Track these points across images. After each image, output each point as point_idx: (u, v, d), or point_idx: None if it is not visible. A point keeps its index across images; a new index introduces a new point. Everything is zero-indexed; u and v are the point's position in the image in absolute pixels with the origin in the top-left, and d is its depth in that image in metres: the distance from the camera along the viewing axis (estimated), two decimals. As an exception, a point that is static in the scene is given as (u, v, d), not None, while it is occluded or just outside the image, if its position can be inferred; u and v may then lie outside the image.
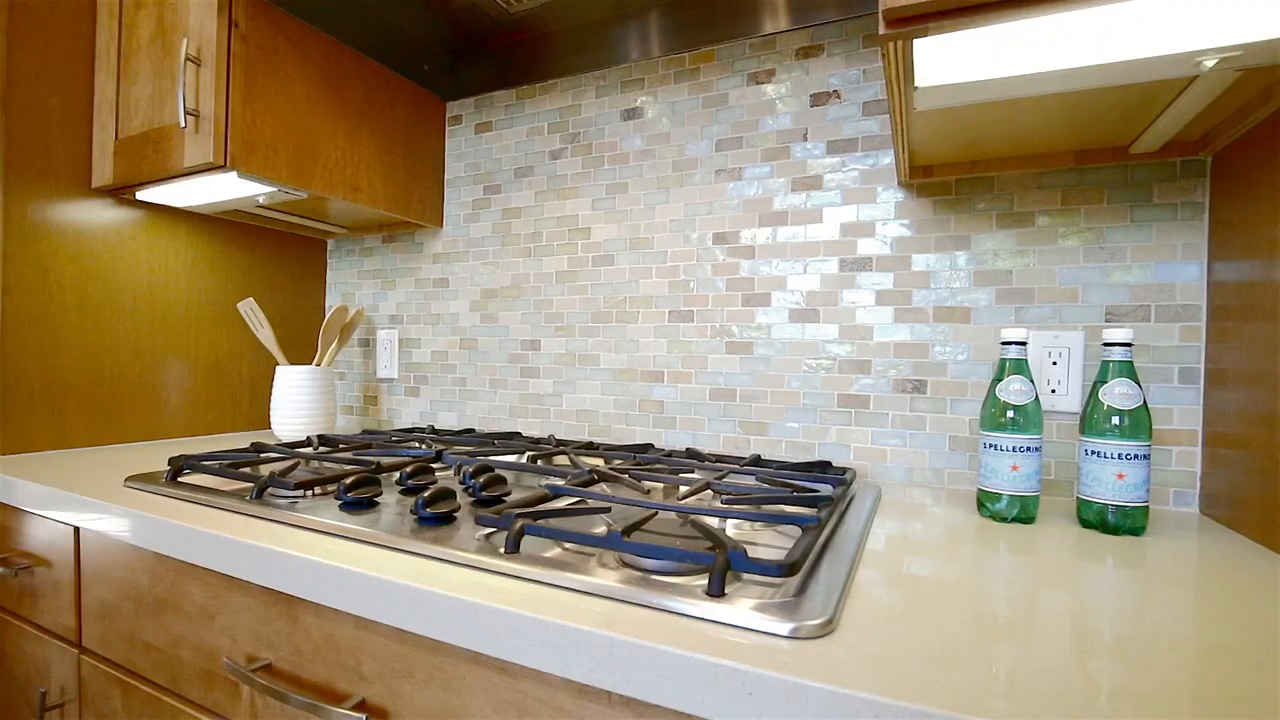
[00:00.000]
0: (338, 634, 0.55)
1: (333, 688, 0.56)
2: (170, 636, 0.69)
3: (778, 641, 0.40)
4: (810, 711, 0.35)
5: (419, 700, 0.51)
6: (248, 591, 0.62)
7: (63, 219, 1.06)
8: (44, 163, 1.04)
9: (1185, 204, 0.79)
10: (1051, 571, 0.55)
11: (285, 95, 1.03)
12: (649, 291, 1.11)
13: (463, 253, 1.31)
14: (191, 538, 0.63)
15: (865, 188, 0.95)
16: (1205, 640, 0.41)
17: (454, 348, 1.32)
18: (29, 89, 1.02)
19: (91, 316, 1.10)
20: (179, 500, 0.73)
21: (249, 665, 0.60)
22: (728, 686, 0.37)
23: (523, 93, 1.24)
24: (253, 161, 0.98)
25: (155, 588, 0.70)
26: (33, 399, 1.03)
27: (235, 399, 1.33)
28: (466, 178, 1.31)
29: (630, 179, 1.13)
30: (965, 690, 0.34)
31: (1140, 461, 0.66)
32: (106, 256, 1.12)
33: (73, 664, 0.80)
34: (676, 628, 0.41)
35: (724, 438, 1.04)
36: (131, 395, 1.16)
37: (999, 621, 0.44)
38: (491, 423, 1.27)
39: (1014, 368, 0.72)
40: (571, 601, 0.45)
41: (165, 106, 1.01)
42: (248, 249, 1.34)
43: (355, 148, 1.14)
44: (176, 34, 0.99)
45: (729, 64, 1.05)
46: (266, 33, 1.00)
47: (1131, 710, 0.32)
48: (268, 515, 0.66)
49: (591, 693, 0.43)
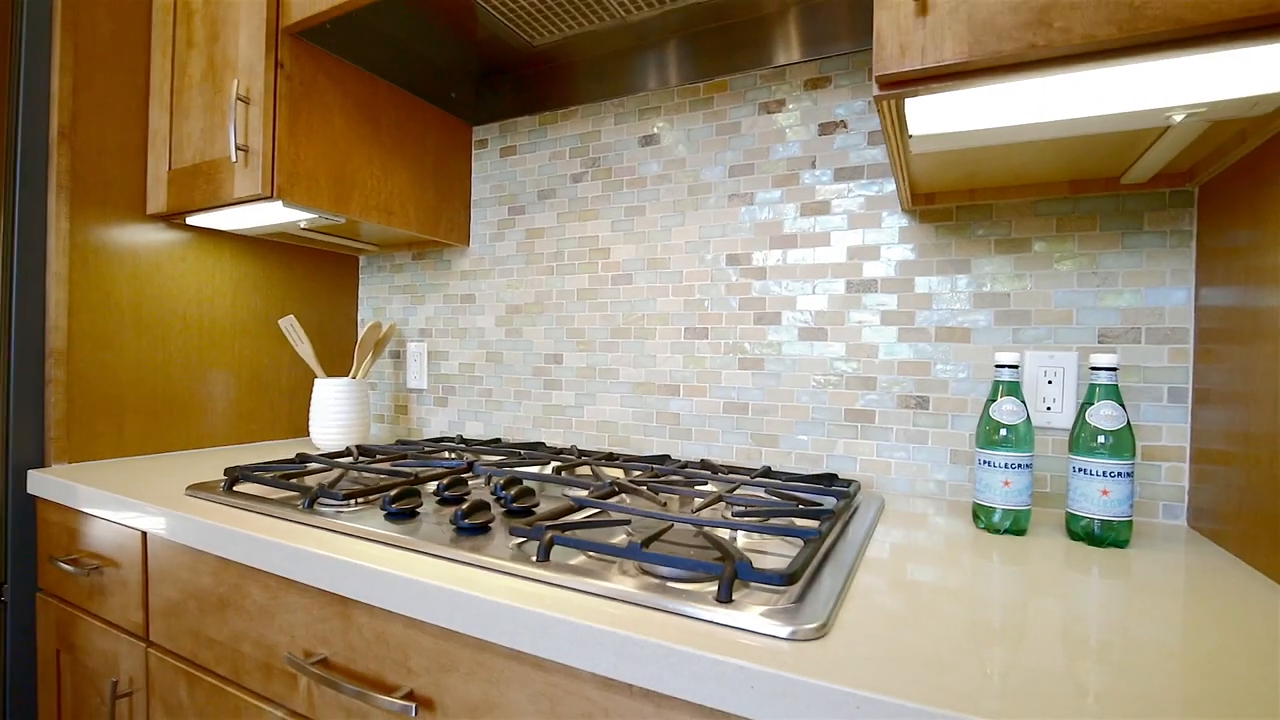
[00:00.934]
0: (388, 632, 0.62)
1: (383, 680, 0.63)
2: (232, 632, 0.77)
3: (778, 643, 0.45)
4: (803, 704, 0.41)
5: (462, 692, 0.57)
6: (305, 593, 0.69)
7: (120, 244, 1.14)
8: (104, 193, 1.13)
9: (1174, 232, 0.83)
10: (1038, 580, 0.60)
11: (326, 128, 1.10)
12: (665, 309, 1.17)
13: (488, 270, 1.38)
14: (253, 544, 0.71)
15: (870, 213, 1.00)
16: (1180, 645, 0.46)
17: (480, 360, 1.39)
18: (91, 125, 1.11)
19: (146, 334, 1.18)
20: (237, 509, 0.81)
21: (307, 659, 0.67)
22: (733, 681, 0.43)
23: (545, 118, 1.31)
24: (296, 192, 1.05)
25: (218, 588, 0.78)
26: (95, 412, 1.12)
27: (275, 408, 1.42)
28: (492, 199, 1.38)
29: (648, 202, 1.19)
30: (942, 686, 0.40)
31: (1124, 479, 0.70)
32: (159, 278, 1.20)
33: (141, 657, 0.88)
34: (689, 630, 0.47)
35: (737, 449, 1.10)
36: (181, 406, 1.24)
37: (985, 625, 0.49)
38: (517, 432, 1.34)
39: (1007, 389, 0.77)
40: (597, 605, 0.51)
41: (215, 140, 1.09)
42: (286, 266, 1.43)
43: (389, 174, 1.22)
44: (226, 72, 1.07)
45: (741, 94, 1.11)
46: (308, 70, 1.07)
47: (1108, 706, 0.38)
48: (320, 523, 0.73)
49: (615, 685, 0.49)
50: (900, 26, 0.54)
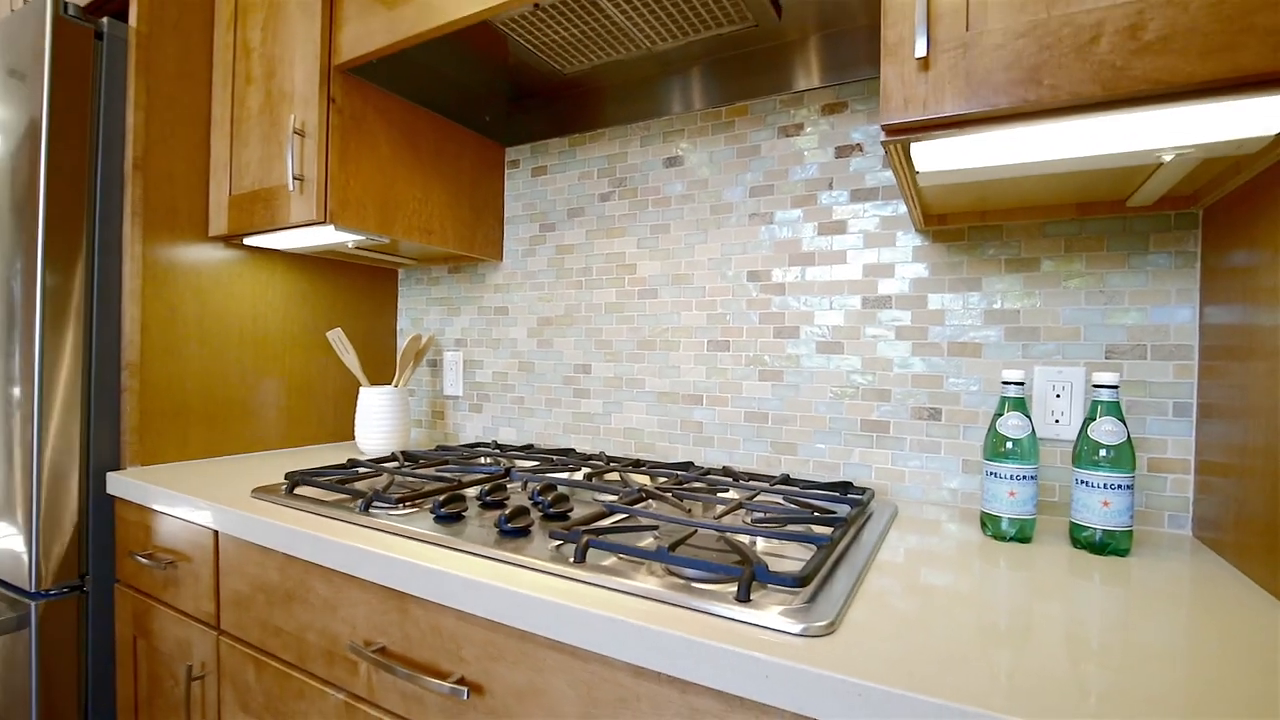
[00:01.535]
0: (441, 624, 0.69)
1: (437, 667, 0.70)
2: (298, 623, 0.85)
3: (791, 638, 0.51)
4: (811, 691, 0.46)
5: (509, 678, 0.64)
6: (365, 588, 0.77)
7: (185, 263, 1.24)
8: (172, 218, 1.23)
9: (1179, 252, 0.87)
10: (1038, 585, 0.65)
11: (372, 155, 1.18)
12: (689, 323, 1.23)
13: (520, 284, 1.45)
14: (318, 543, 0.79)
15: (885, 233, 1.05)
16: (1169, 648, 0.51)
17: (513, 369, 1.46)
18: (160, 156, 1.21)
19: (208, 346, 1.28)
20: (299, 510, 0.89)
21: (367, 647, 0.75)
22: (750, 671, 0.49)
23: (574, 140, 1.38)
24: (346, 216, 1.14)
25: (285, 583, 0.86)
26: (163, 418, 1.22)
27: (321, 414, 1.51)
28: (524, 216, 1.45)
29: (672, 220, 1.25)
30: (938, 678, 0.45)
31: (1124, 491, 0.74)
32: (219, 293, 1.30)
33: (212, 643, 0.97)
34: (711, 625, 0.53)
35: (757, 456, 1.16)
36: (237, 413, 1.34)
37: (984, 625, 0.54)
38: (548, 438, 1.41)
39: (1013, 405, 0.81)
40: (629, 602, 0.58)
41: (273, 168, 1.18)
42: (332, 281, 1.52)
43: (429, 195, 1.30)
44: (282, 106, 1.16)
45: (761, 118, 1.16)
46: (357, 104, 1.16)
47: (1091, 697, 0.43)
48: (375, 525, 0.81)
49: (645, 673, 0.56)
50: (904, 80, 0.60)
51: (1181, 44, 0.50)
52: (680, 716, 0.54)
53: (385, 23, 1.03)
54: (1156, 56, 0.51)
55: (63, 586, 1.13)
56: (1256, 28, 0.48)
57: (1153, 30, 0.51)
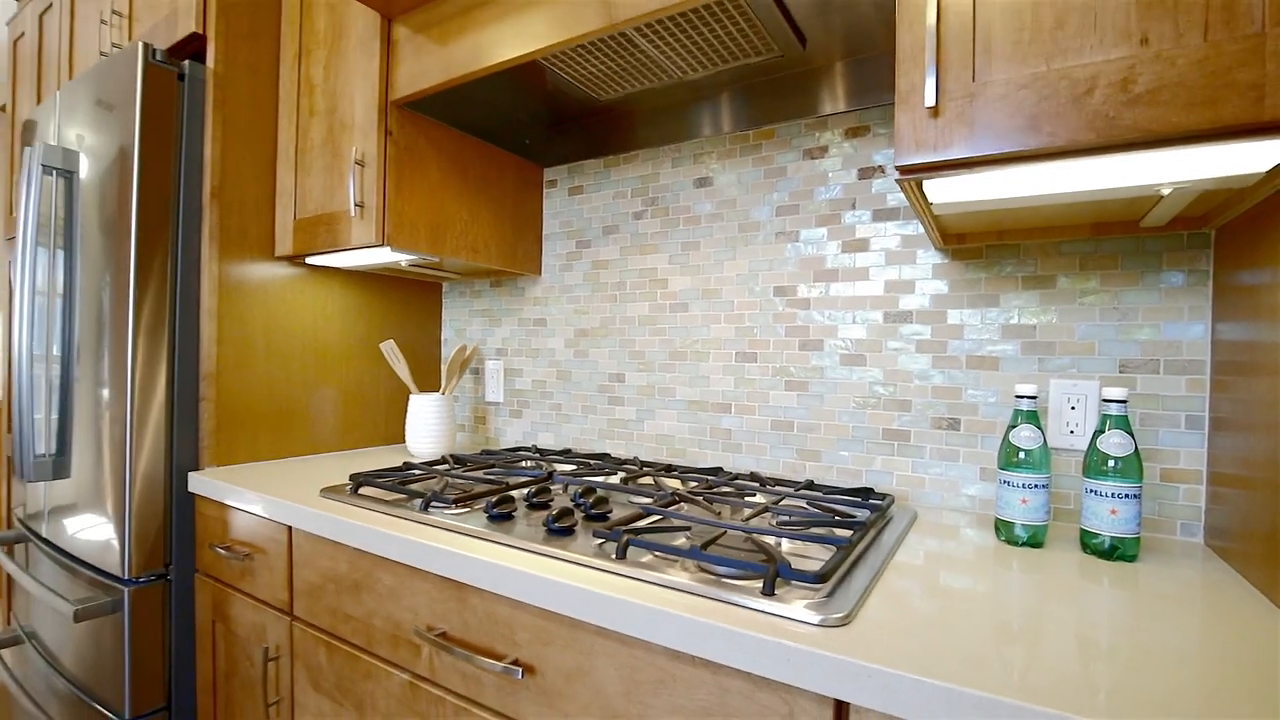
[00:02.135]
0: (497, 611, 0.78)
1: (493, 650, 0.78)
2: (365, 610, 0.94)
3: (810, 628, 0.58)
4: (826, 673, 0.53)
5: (558, 661, 0.72)
6: (427, 579, 0.86)
7: (254, 281, 1.36)
8: (243, 240, 1.34)
9: (1191, 271, 0.90)
10: (1044, 586, 0.70)
11: (424, 182, 1.28)
12: (718, 335, 1.30)
13: (558, 297, 1.54)
14: (385, 538, 0.88)
15: (906, 250, 1.10)
16: (1174, 649, 0.56)
17: (551, 377, 1.55)
18: (233, 183, 1.32)
19: (274, 357, 1.40)
20: (365, 509, 0.99)
21: (430, 632, 0.84)
22: (774, 655, 0.56)
23: (609, 161, 1.46)
24: (401, 238, 1.23)
25: (354, 574, 0.96)
26: (235, 424, 1.33)
27: (374, 419, 1.62)
28: (561, 233, 1.54)
29: (702, 238, 1.32)
30: (935, 661, 0.51)
31: (1131, 500, 0.79)
32: (283, 309, 1.42)
33: (286, 628, 1.07)
34: (740, 616, 0.60)
35: (783, 462, 1.22)
36: (300, 418, 1.45)
37: (990, 621, 0.60)
38: (584, 443, 1.49)
39: (1026, 417, 0.86)
40: (666, 595, 0.65)
41: (334, 195, 1.28)
42: (382, 294, 1.63)
43: (475, 216, 1.39)
44: (343, 138, 1.26)
45: (787, 141, 1.22)
46: (410, 134, 1.25)
47: (1090, 684, 0.49)
48: (434, 522, 0.90)
49: (681, 657, 0.63)
50: (916, 126, 0.66)
51: (1169, 97, 0.55)
52: (712, 695, 0.61)
53: (438, 62, 1.12)
54: (1146, 108, 0.56)
55: (150, 575, 1.25)
56: (1237, 83, 0.53)
57: (1142, 84, 0.56)
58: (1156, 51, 0.56)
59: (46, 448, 1.43)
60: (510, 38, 1.03)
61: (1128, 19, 0.57)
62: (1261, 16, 0.52)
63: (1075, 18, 0.59)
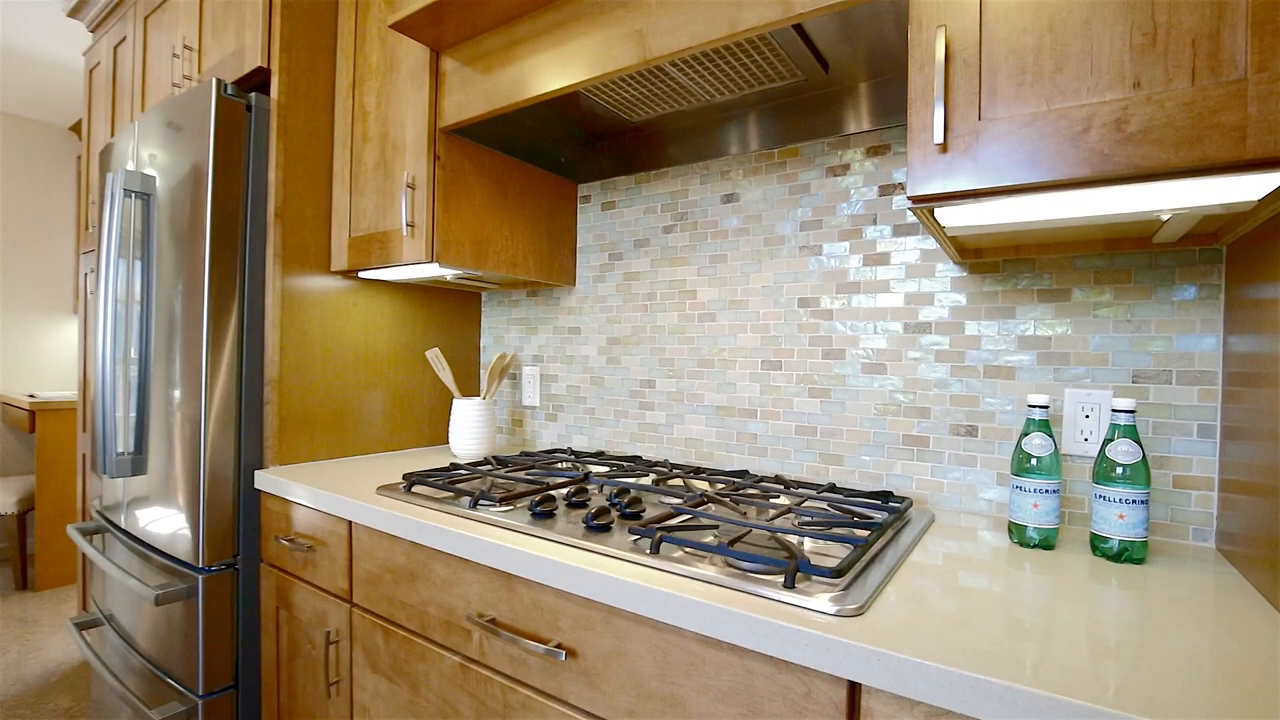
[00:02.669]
0: (542, 600, 0.86)
1: (539, 635, 0.86)
2: (420, 598, 1.03)
3: (826, 617, 0.64)
4: (840, 657, 0.59)
5: (598, 644, 0.79)
6: (478, 570, 0.94)
7: (312, 294, 1.47)
8: (303, 256, 1.45)
9: (1203, 285, 0.94)
10: (1051, 585, 0.75)
11: (469, 202, 1.37)
12: (744, 344, 1.36)
13: (591, 307, 1.62)
14: (439, 533, 0.96)
15: (926, 264, 1.15)
16: (1164, 647, 0.61)
17: (585, 383, 1.63)
18: (293, 204, 1.43)
19: (330, 364, 1.50)
20: (418, 505, 1.08)
21: (480, 618, 0.92)
22: (793, 640, 0.62)
23: (640, 178, 1.53)
24: (448, 255, 1.33)
25: (409, 565, 1.05)
26: (296, 426, 1.44)
27: (419, 422, 1.72)
28: (595, 246, 1.62)
29: (729, 251, 1.39)
30: (939, 647, 0.57)
31: (1139, 505, 0.83)
32: (338, 319, 1.52)
33: (345, 614, 1.17)
34: (763, 605, 0.67)
35: (806, 466, 1.28)
36: (352, 420, 1.56)
37: (997, 611, 0.66)
38: (616, 446, 1.57)
39: (1038, 426, 0.91)
40: (696, 586, 0.72)
41: (386, 215, 1.38)
42: (426, 304, 1.73)
43: (515, 233, 1.48)
44: (395, 163, 1.36)
45: (810, 159, 1.28)
46: (456, 158, 1.35)
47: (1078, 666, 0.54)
48: (483, 518, 0.98)
49: (711, 642, 0.70)
50: (925, 160, 0.72)
51: (1158, 136, 0.60)
52: (738, 676, 0.68)
53: (483, 93, 1.21)
54: (1138, 146, 0.61)
55: (220, 564, 1.36)
56: (1221, 124, 0.58)
57: (1134, 124, 0.61)
58: (1148, 94, 0.61)
59: (125, 446, 1.56)
60: (549, 71, 1.11)
61: (1121, 63, 0.63)
62: (1244, 63, 0.57)
63: (1073, 62, 0.65)
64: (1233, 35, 0.58)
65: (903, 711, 0.58)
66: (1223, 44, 0.58)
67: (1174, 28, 0.60)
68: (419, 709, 1.03)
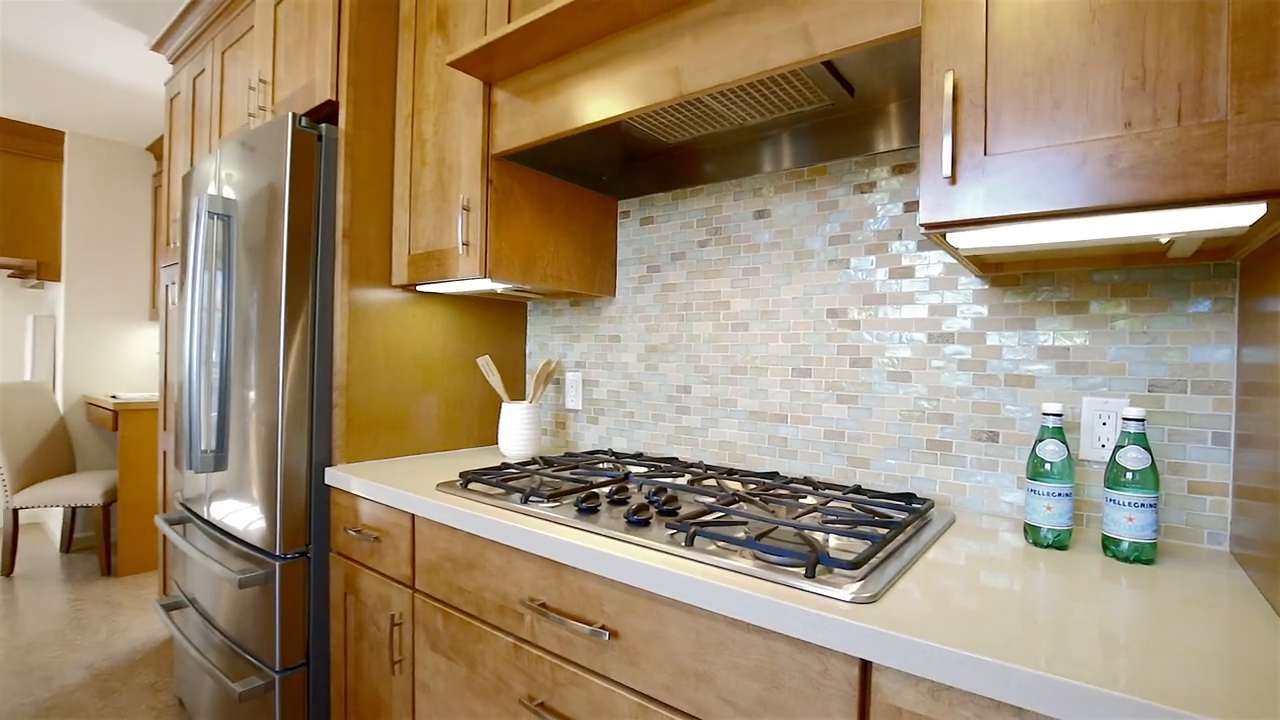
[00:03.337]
0: (587, 586, 0.95)
1: (584, 617, 0.96)
2: (476, 585, 1.14)
3: (843, 604, 0.72)
4: (852, 638, 0.67)
5: (638, 626, 0.89)
6: (529, 559, 1.04)
7: (375, 306, 1.60)
8: (367, 272, 1.59)
9: (1218, 298, 0.98)
10: (1057, 581, 0.81)
11: (518, 222, 1.48)
12: (775, 352, 1.44)
13: (631, 316, 1.72)
14: (495, 525, 1.07)
15: (949, 277, 1.21)
16: (1177, 639, 0.67)
17: (624, 388, 1.73)
18: (359, 225, 1.57)
19: (390, 371, 1.64)
20: (475, 501, 1.19)
21: (531, 602, 1.02)
22: (812, 622, 0.70)
23: (677, 195, 1.62)
24: (499, 271, 1.44)
25: (467, 554, 1.16)
26: (361, 427, 1.58)
27: (469, 424, 1.84)
28: (634, 259, 1.71)
29: (761, 265, 1.46)
30: (943, 630, 0.65)
31: (1147, 509, 0.88)
32: (398, 329, 1.66)
33: (408, 599, 1.29)
34: (787, 593, 0.75)
35: (834, 469, 1.34)
36: (409, 422, 1.69)
37: (1000, 604, 0.72)
38: (654, 447, 1.66)
39: (1052, 433, 0.96)
40: (727, 575, 0.80)
41: (443, 234, 1.50)
42: (477, 314, 1.85)
43: (560, 248, 1.59)
44: (451, 186, 1.48)
45: (838, 177, 1.35)
46: (507, 181, 1.46)
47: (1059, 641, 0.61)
48: (535, 514, 1.09)
49: (739, 624, 0.78)
50: (936, 190, 0.78)
51: (1146, 172, 0.66)
52: (763, 655, 0.76)
53: (532, 122, 1.32)
54: (1129, 180, 0.67)
55: (294, 553, 1.51)
56: (1203, 162, 0.63)
57: (1125, 160, 0.67)
58: (1137, 133, 0.67)
59: (208, 444, 1.73)
60: (593, 103, 1.21)
61: (1114, 104, 0.69)
62: (1225, 106, 0.63)
63: (1070, 102, 0.71)
64: (1215, 80, 0.63)
65: (908, 687, 0.65)
66: (1205, 88, 0.64)
67: (1162, 72, 0.66)
68: (475, 685, 1.14)
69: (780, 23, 0.97)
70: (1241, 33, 0.62)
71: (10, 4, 2.44)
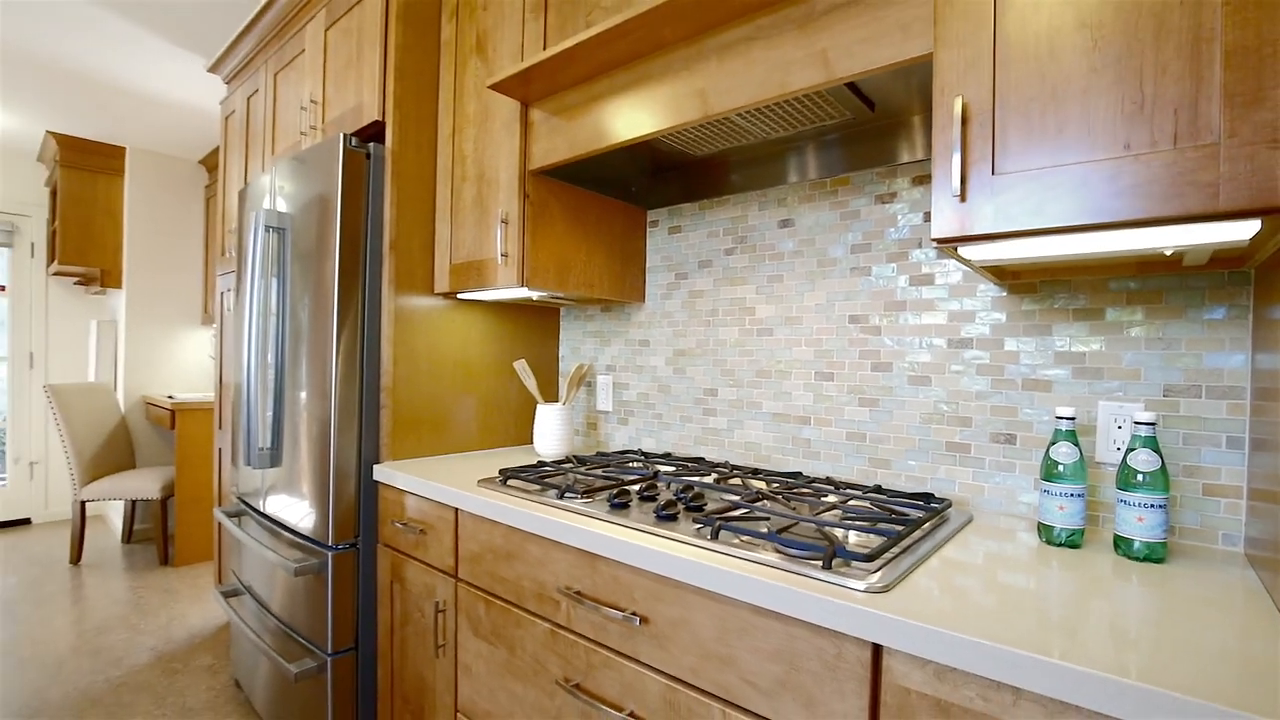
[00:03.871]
0: (619, 576, 1.02)
1: (616, 604, 1.03)
2: (515, 574, 1.22)
3: (857, 593, 0.78)
4: (865, 623, 0.73)
5: (667, 613, 0.95)
6: (565, 551, 1.12)
7: (419, 313, 1.70)
8: (411, 281, 1.69)
9: (1233, 305, 1.00)
10: (1066, 577, 0.85)
11: (552, 233, 1.57)
12: (799, 357, 1.49)
13: (659, 322, 1.79)
14: (534, 519, 1.15)
15: (968, 285, 1.25)
16: (1192, 637, 0.72)
17: (653, 391, 1.80)
18: (404, 236, 1.67)
19: (433, 374, 1.74)
20: (515, 496, 1.27)
21: (568, 590, 1.10)
22: (829, 610, 0.76)
23: (704, 205, 1.68)
24: (535, 280, 1.53)
25: (507, 546, 1.24)
26: (405, 427, 1.68)
27: (505, 424, 1.94)
28: (662, 266, 1.78)
29: (785, 272, 1.52)
30: (947, 617, 0.70)
31: (1157, 510, 0.91)
32: (438, 335, 1.75)
33: (451, 587, 1.38)
34: (805, 582, 0.81)
35: (856, 469, 1.39)
36: (450, 422, 1.79)
37: (1006, 596, 0.77)
38: (681, 447, 1.72)
39: (1065, 436, 1.00)
40: (750, 566, 0.87)
41: (483, 245, 1.59)
42: (512, 320, 1.94)
43: (591, 257, 1.67)
44: (490, 200, 1.57)
45: (860, 187, 1.40)
46: (542, 195, 1.54)
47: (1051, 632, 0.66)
48: (570, 508, 1.16)
49: (760, 611, 0.84)
50: (947, 207, 0.83)
51: (1145, 191, 0.71)
52: (782, 640, 0.82)
53: (566, 140, 1.40)
54: (1129, 199, 0.72)
55: (344, 544, 1.61)
56: (1197, 182, 0.68)
57: (1125, 180, 0.72)
58: (1136, 154, 0.71)
59: (264, 441, 1.85)
60: (624, 122, 1.29)
61: (1114, 127, 0.73)
62: (1218, 129, 0.67)
63: (1073, 125, 0.76)
64: (1209, 105, 0.67)
65: (916, 669, 0.71)
66: (1200, 112, 0.68)
67: (1159, 98, 0.70)
68: (515, 667, 1.22)
69: (799, 49, 1.03)
70: (1234, 61, 0.66)
71: (82, 33, 2.63)
